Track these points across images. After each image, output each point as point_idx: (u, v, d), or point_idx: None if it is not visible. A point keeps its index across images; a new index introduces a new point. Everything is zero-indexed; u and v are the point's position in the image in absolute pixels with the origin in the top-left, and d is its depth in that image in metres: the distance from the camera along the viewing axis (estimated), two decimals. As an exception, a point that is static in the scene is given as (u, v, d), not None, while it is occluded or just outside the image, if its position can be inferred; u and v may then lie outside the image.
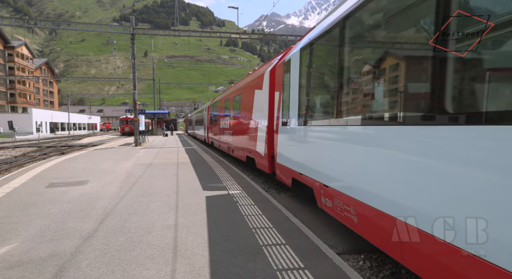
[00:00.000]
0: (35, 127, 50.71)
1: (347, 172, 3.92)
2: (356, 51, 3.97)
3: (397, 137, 2.99)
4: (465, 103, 2.39)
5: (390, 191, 3.00)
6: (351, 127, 3.83)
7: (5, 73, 63.68)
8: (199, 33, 26.23)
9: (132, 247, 3.92)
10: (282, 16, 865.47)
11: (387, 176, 3.07)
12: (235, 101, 12.58)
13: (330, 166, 4.44)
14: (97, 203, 6.05)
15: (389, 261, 3.98)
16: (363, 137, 3.57)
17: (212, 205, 5.92)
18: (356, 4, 3.69)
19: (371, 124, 3.44)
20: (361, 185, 3.53)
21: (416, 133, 2.74)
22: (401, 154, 2.91)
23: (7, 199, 6.33)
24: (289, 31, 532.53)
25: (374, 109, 3.45)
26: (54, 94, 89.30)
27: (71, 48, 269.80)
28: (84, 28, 22.23)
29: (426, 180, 2.58)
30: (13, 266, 3.39)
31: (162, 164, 11.82)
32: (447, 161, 2.37)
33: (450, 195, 2.34)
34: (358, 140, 3.67)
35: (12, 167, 13.70)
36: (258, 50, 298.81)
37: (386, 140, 3.14)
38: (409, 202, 2.74)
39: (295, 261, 3.54)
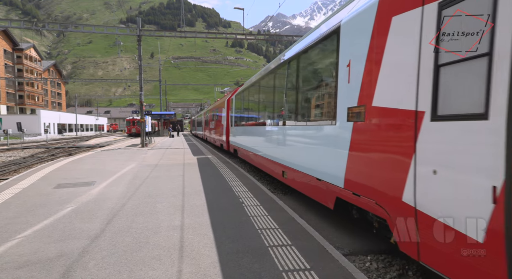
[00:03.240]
0: (43, 128, 51.26)
1: (250, 143, 10.79)
2: (255, 98, 10.52)
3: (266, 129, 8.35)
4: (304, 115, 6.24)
5: (275, 153, 7.93)
6: (252, 126, 10.63)
7: (14, 75, 64.50)
8: (205, 34, 26.33)
9: (138, 247, 3.94)
10: (288, 17, 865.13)
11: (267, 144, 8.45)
12: (214, 112, 22.26)
13: (245, 140, 11.79)
14: (104, 203, 6.10)
15: (396, 262, 3.95)
16: (258, 129, 9.71)
17: (218, 206, 5.93)
18: (255, 80, 10.41)
19: (259, 125, 9.63)
20: (255, 147, 9.99)
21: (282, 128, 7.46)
22: (281, 136, 7.46)
23: (16, 200, 6.41)
24: (295, 31, 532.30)
25: (260, 120, 9.72)
26: (62, 96, 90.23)
27: (79, 50, 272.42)
28: (91, 30, 22.45)
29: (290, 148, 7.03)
30: (22, 266, 3.43)
31: (168, 165, 11.88)
32: (295, 138, 6.74)
33: (301, 153, 6.00)
34: (257, 131, 9.89)
35: (21, 168, 13.87)
36: (264, 51, 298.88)
37: (265, 130, 8.89)
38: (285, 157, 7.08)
39: (301, 262, 3.52)
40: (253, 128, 10.60)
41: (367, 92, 3.72)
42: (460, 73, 2.56)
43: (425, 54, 2.84)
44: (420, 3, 2.91)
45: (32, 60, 71.83)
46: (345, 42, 4.34)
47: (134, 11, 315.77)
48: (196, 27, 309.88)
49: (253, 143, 10.42)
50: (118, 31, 24.30)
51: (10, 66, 64.57)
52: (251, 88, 11.28)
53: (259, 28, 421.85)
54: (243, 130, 12.28)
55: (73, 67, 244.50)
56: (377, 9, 3.60)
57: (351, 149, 4.07)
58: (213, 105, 25.50)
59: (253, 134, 10.45)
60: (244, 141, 11.96)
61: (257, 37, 27.67)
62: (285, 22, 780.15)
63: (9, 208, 5.79)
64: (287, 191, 8.23)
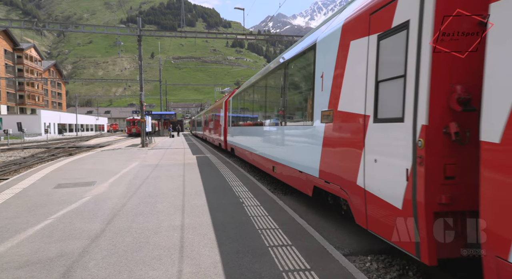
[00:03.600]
0: (44, 128, 51.23)
1: (245, 142, 11.89)
2: (248, 101, 11.97)
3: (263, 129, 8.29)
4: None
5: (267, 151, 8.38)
6: (247, 126, 11.89)
7: (14, 75, 64.51)
8: (205, 34, 26.35)
9: (139, 247, 3.94)
10: (288, 17, 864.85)
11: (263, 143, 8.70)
12: (213, 112, 23.08)
13: (241, 140, 12.81)
14: (104, 203, 6.10)
15: (396, 262, 3.95)
16: (252, 129, 10.89)
17: (218, 206, 5.93)
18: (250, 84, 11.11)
19: (253, 126, 10.89)
20: (249, 146, 11.01)
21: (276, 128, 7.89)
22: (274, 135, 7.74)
23: (16, 200, 6.41)
24: (295, 31, 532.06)
25: (253, 121, 11.04)
26: (62, 96, 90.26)
27: (79, 50, 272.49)
28: (91, 30, 22.48)
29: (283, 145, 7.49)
30: (22, 266, 3.43)
31: (168, 165, 11.88)
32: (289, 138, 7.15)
33: (287, 150, 7.06)
34: (251, 131, 11.06)
35: (21, 168, 13.87)
36: (264, 51, 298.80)
37: (257, 131, 10.13)
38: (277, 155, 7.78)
39: (301, 263, 3.53)
40: (247, 128, 11.71)
41: (334, 99, 4.69)
42: (389, 88, 3.48)
43: (370, 72, 3.77)
44: (367, 33, 3.84)
45: (32, 60, 71.85)
46: (320, 57, 5.31)
47: (134, 11, 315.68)
48: (197, 27, 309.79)
49: (247, 142, 11.41)
50: (118, 31, 24.31)
51: (10, 66, 64.59)
52: (244, 92, 12.65)
53: (259, 28, 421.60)
54: (239, 130, 13.42)
55: (73, 67, 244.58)
56: (341, 33, 4.55)
57: (323, 145, 5.06)
58: (212, 106, 26.92)
59: (248, 134, 11.51)
60: (240, 140, 13.03)
61: (257, 37, 27.69)
62: (285, 22, 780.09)
63: (9, 208, 5.80)
64: (287, 191, 8.23)
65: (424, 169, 2.88)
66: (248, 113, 12.22)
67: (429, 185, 2.88)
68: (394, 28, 3.34)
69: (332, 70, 4.77)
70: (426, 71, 2.88)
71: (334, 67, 4.70)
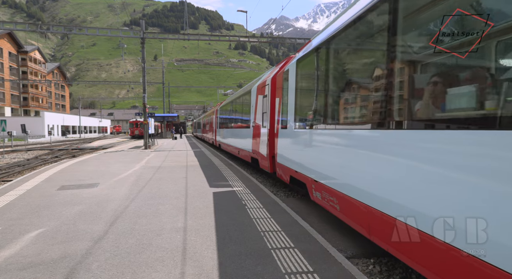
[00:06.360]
0: (47, 130, 51.49)
1: (225, 138, 18.29)
2: (227, 112, 19.12)
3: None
4: None
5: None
6: (226, 128, 18.54)
7: (19, 77, 64.97)
8: (208, 36, 26.46)
9: (141, 249, 3.95)
10: (291, 19, 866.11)
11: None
12: (208, 117, 29.66)
13: (223, 137, 18.95)
14: (107, 205, 6.12)
15: (399, 265, 3.93)
16: (228, 130, 17.76)
17: (220, 208, 5.93)
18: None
19: (229, 128, 17.59)
20: (229, 141, 16.76)
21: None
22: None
23: (20, 201, 6.45)
24: (298, 34, 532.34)
25: (229, 124, 17.70)
26: (66, 98, 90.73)
27: (83, 52, 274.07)
28: (95, 32, 22.55)
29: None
30: (26, 267, 3.45)
31: (171, 167, 11.91)
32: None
33: (243, 141, 12.76)
34: (227, 131, 18.06)
35: (25, 170, 13.94)
36: (267, 53, 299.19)
37: (229, 131, 16.89)
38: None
39: (304, 265, 3.52)
40: (227, 130, 17.45)
41: (253, 117, 10.61)
42: (264, 115, 9.32)
43: (263, 107, 9.44)
44: (264, 93, 9.39)
45: (36, 62, 72.34)
46: (253, 96, 10.95)
47: (137, 14, 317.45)
48: (199, 29, 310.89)
49: (227, 138, 17.06)
50: (122, 34, 24.40)
51: (14, 68, 65.06)
52: (226, 105, 19.00)
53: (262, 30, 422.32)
54: (224, 131, 18.72)
55: (77, 69, 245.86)
56: (257, 89, 10.40)
57: (252, 137, 10.68)
58: (208, 112, 34.29)
59: (228, 133, 17.14)
60: (223, 137, 18.63)
61: (260, 40, 27.71)
62: (288, 24, 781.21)
63: (13, 209, 5.83)
64: (290, 194, 8.22)
65: None
66: (227, 120, 17.96)
67: (271, 148, 8.40)
68: (265, 95, 8.83)
69: (254, 104, 10.60)
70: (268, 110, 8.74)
71: (255, 103, 10.44)
